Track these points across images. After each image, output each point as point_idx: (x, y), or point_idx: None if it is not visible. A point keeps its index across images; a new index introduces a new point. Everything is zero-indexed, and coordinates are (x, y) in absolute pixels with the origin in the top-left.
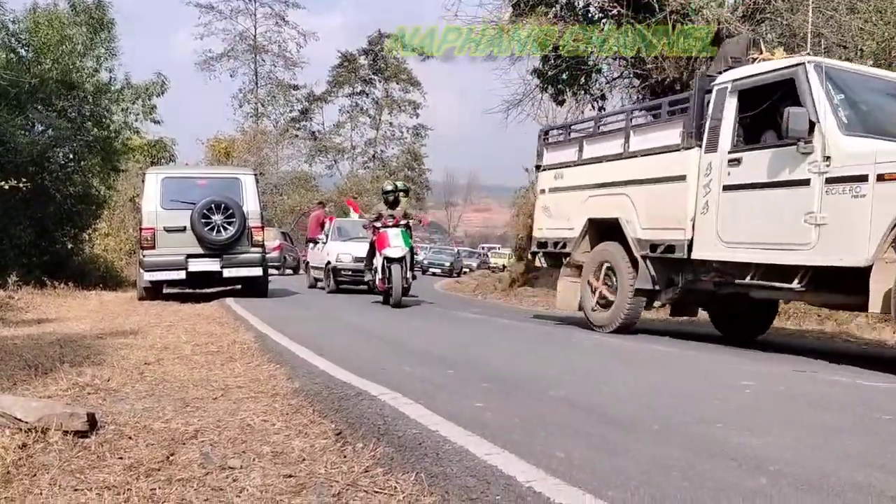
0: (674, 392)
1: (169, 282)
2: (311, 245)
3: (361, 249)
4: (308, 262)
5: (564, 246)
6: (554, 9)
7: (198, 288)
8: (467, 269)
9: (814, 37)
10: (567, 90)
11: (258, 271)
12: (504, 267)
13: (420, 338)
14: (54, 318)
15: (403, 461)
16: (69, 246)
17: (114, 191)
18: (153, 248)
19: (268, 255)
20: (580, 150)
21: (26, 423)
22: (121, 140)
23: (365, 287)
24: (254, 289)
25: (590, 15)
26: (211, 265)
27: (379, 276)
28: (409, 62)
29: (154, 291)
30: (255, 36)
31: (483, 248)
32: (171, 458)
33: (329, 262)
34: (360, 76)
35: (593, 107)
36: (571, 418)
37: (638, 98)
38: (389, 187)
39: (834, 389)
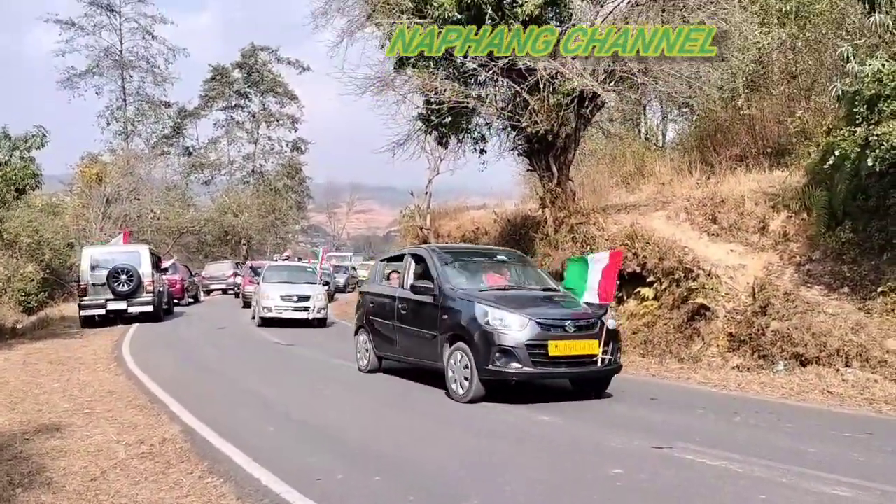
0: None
1: (97, 316)
2: None
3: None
4: None
5: None
6: (433, 61)
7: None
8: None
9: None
10: (450, 133)
11: (150, 308)
12: None
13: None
14: None
15: None
16: None
17: None
18: (86, 295)
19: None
20: None
21: None
22: None
23: None
24: (150, 318)
25: (467, 71)
26: (120, 305)
27: None
28: (283, 76)
29: (89, 322)
30: (121, 51)
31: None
32: None
33: None
34: (235, 90)
35: (475, 149)
36: None
37: (515, 145)
38: None
39: (702, 476)
